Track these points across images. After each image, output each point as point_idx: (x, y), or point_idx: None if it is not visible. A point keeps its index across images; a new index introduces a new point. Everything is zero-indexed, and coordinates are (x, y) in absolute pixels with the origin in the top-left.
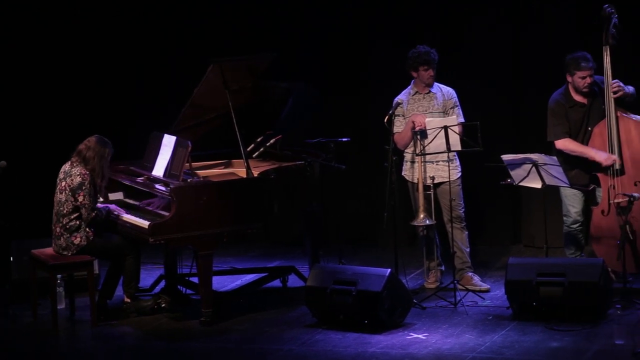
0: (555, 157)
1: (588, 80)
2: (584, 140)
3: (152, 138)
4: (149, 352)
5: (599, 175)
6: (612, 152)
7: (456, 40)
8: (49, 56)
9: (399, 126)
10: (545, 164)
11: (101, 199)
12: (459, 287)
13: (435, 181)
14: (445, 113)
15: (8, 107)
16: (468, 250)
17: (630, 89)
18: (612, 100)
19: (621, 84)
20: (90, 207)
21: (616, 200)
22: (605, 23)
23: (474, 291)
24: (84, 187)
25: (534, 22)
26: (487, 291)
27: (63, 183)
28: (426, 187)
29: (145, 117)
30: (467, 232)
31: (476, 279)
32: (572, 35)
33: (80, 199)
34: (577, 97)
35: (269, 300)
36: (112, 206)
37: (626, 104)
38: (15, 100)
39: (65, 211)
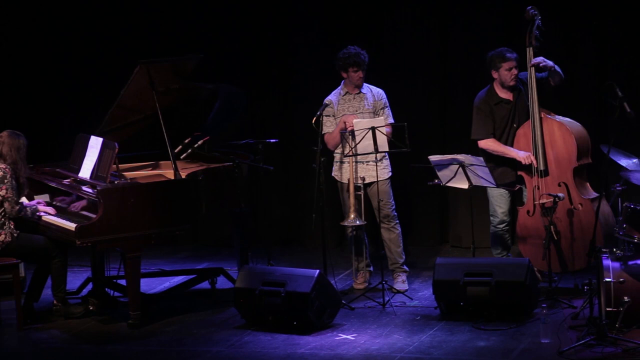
0: (481, 158)
1: (515, 71)
2: (509, 137)
3: (79, 140)
4: (76, 355)
5: (524, 175)
6: (536, 152)
7: (384, 40)
8: None
9: (329, 127)
10: (472, 165)
11: (26, 200)
12: (387, 287)
13: (366, 181)
14: (375, 114)
15: None
16: (399, 250)
17: (551, 62)
18: (537, 101)
19: (542, 58)
20: (14, 200)
21: (541, 201)
22: (528, 25)
23: (392, 290)
24: (5, 181)
25: (462, 23)
26: (405, 292)
27: None
28: (357, 188)
29: (71, 119)
30: (398, 231)
31: (400, 279)
32: (500, 36)
33: (3, 192)
34: (503, 94)
35: (198, 302)
36: (41, 206)
37: (553, 84)
38: None
39: None
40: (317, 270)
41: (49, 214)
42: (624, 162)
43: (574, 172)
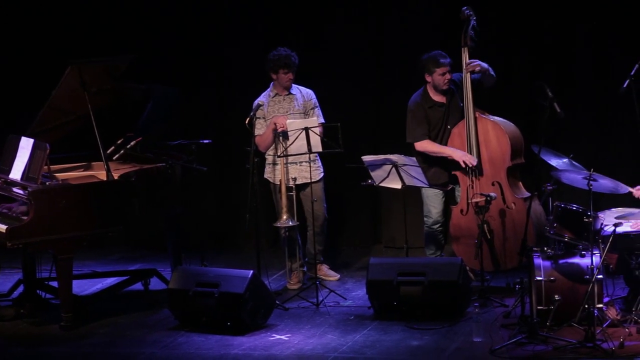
0: (414, 158)
1: (448, 76)
2: (444, 138)
3: (9, 141)
4: (7, 358)
5: (458, 175)
6: (470, 152)
7: (317, 40)
8: None
9: (260, 128)
10: (405, 165)
11: None
12: (319, 282)
13: (298, 182)
14: (305, 114)
15: None
16: (321, 248)
17: (485, 65)
18: (471, 101)
19: (477, 61)
20: None
21: (474, 200)
22: (463, 25)
23: (324, 280)
24: None
25: (396, 23)
26: (337, 280)
27: None
28: (289, 188)
29: (1, 120)
30: (326, 233)
31: (324, 268)
32: (433, 36)
33: None
34: (436, 97)
35: (131, 304)
36: None
37: (486, 86)
38: None
39: None
40: (251, 271)
41: None
42: (554, 162)
43: (508, 171)
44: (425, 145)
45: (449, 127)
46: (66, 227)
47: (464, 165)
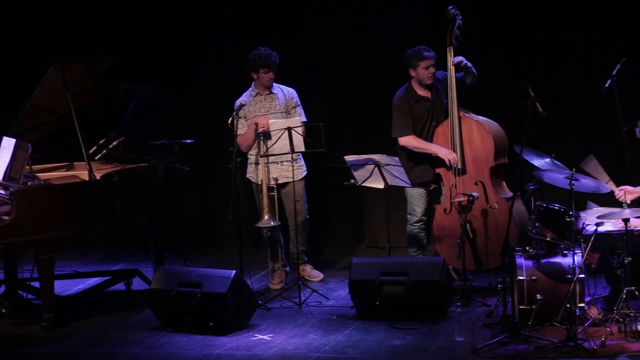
0: (397, 158)
1: (432, 69)
2: (429, 134)
3: None
4: None
5: (442, 173)
6: (454, 151)
7: (298, 39)
8: None
9: (242, 128)
10: (388, 165)
11: None
12: (302, 282)
13: (280, 182)
14: (287, 113)
15: None
16: (304, 248)
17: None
18: (455, 100)
19: (463, 58)
20: None
21: (457, 199)
22: (449, 24)
23: (308, 281)
24: None
25: (379, 21)
26: (322, 280)
27: None
28: (270, 188)
29: None
30: (307, 232)
31: (308, 268)
32: (417, 34)
33: None
34: (421, 92)
35: (113, 304)
36: None
37: (469, 85)
38: None
39: None
40: (234, 271)
41: None
42: (536, 161)
43: (491, 171)
44: (410, 141)
45: (433, 123)
46: (48, 227)
47: (448, 164)
